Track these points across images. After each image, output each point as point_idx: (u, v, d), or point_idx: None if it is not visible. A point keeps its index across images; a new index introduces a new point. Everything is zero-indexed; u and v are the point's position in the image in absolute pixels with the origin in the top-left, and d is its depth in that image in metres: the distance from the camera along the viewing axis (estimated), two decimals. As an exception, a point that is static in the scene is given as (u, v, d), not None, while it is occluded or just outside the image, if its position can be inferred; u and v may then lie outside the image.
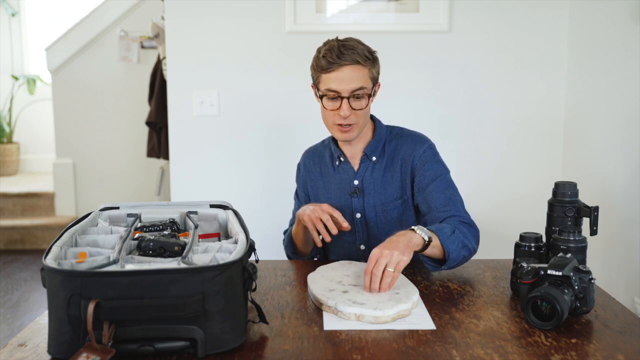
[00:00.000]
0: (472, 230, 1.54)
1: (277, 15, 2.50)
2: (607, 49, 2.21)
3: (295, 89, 2.53)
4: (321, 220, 1.51)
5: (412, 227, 1.40)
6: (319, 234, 1.53)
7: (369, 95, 1.57)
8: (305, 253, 1.73)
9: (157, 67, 3.65)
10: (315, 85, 1.61)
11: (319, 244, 1.55)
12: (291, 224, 1.81)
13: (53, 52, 4.43)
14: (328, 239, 1.52)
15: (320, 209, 1.53)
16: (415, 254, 1.38)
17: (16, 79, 5.50)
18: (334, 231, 1.50)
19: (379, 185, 1.66)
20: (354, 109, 1.54)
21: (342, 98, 1.53)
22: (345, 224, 1.52)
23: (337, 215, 1.52)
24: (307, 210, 1.55)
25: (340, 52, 1.52)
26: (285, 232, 1.82)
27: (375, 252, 1.31)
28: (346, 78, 1.52)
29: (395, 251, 1.30)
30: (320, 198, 1.73)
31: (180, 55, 2.53)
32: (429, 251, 1.41)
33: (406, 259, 1.31)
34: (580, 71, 2.42)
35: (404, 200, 1.65)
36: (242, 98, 2.55)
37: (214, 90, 2.54)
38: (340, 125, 1.57)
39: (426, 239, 1.38)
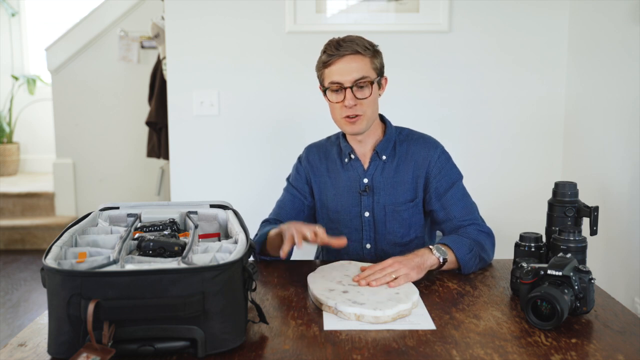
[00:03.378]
0: (490, 239, 1.59)
1: (277, 15, 2.50)
2: (607, 49, 2.21)
3: (296, 89, 2.53)
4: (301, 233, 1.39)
5: (430, 246, 1.46)
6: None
7: (372, 84, 1.57)
8: (273, 255, 1.61)
9: (157, 67, 3.65)
10: (321, 83, 1.62)
11: (284, 254, 1.40)
12: (272, 217, 1.73)
13: (53, 52, 4.43)
14: (299, 244, 1.37)
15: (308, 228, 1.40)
16: (431, 272, 1.45)
17: (16, 79, 5.50)
18: (299, 242, 1.37)
19: (389, 185, 1.66)
20: (358, 99, 1.55)
21: (345, 89, 1.54)
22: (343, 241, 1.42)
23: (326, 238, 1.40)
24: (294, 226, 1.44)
25: (339, 45, 1.55)
26: (262, 223, 1.73)
27: (387, 260, 1.38)
28: (347, 68, 1.54)
29: (403, 268, 1.36)
30: (328, 195, 1.72)
31: (180, 56, 2.53)
32: (445, 267, 1.48)
33: (413, 276, 1.37)
34: (580, 71, 2.41)
35: (415, 203, 1.66)
36: (242, 98, 2.55)
37: (214, 90, 2.54)
38: (347, 117, 1.57)
39: (441, 260, 1.45)
